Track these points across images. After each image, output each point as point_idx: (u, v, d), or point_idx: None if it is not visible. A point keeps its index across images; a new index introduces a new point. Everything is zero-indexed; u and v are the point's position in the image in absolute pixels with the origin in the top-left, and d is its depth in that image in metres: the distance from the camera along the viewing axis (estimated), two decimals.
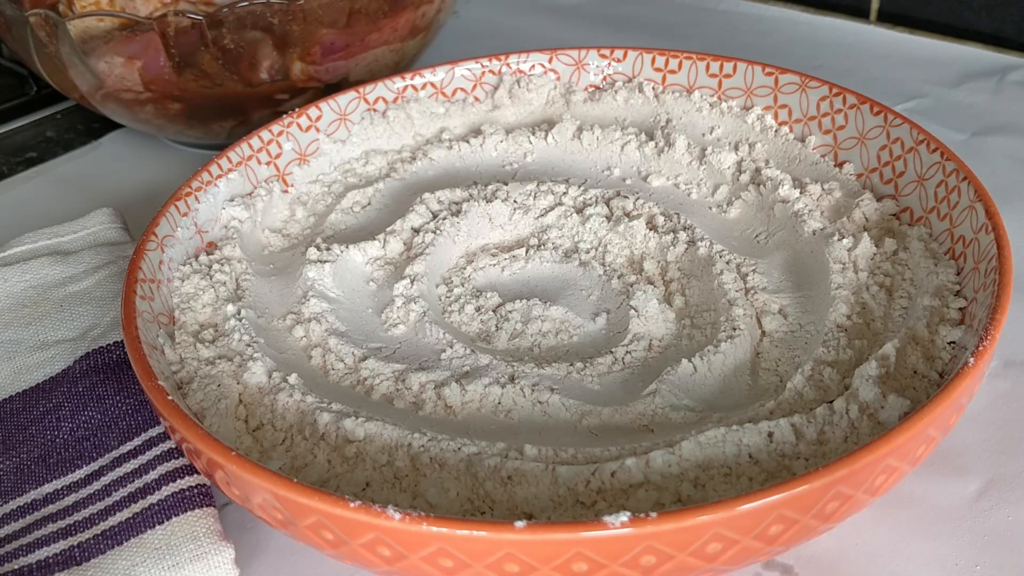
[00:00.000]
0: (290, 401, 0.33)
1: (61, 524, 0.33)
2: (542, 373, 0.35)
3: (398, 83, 0.51)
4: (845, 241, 0.38)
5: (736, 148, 0.46)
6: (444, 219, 0.44)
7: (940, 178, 0.39)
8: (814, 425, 0.31)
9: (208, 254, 0.41)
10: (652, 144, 0.47)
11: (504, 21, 0.74)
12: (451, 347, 0.37)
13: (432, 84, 0.51)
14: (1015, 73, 0.60)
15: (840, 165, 0.44)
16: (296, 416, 0.33)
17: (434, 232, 0.43)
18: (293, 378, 0.34)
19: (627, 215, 0.43)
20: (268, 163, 0.47)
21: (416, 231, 0.44)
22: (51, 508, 0.34)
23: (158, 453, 0.34)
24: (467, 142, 0.50)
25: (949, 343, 0.33)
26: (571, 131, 0.49)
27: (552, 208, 0.44)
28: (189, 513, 0.32)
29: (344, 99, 0.50)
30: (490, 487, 0.30)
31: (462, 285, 0.41)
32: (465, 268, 0.42)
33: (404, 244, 0.43)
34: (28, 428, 0.37)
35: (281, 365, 0.36)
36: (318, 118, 0.49)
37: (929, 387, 0.32)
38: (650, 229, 0.42)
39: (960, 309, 0.34)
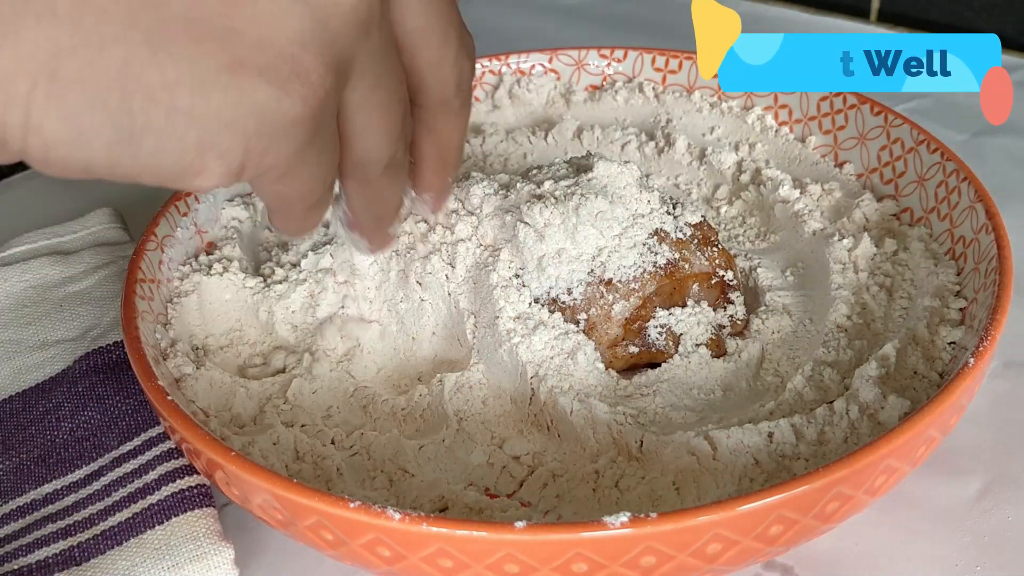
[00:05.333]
0: None
1: (61, 524, 0.33)
2: None
3: None
4: (845, 241, 0.38)
5: (736, 148, 0.46)
6: None
7: (940, 178, 0.39)
8: (814, 425, 0.31)
9: (208, 254, 0.41)
10: (652, 144, 0.47)
11: (504, 21, 0.74)
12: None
13: None
14: (1016, 74, 0.60)
15: (840, 165, 0.44)
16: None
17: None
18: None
19: None
20: None
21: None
22: (51, 508, 0.34)
23: (158, 453, 0.34)
24: (467, 142, 0.50)
25: (949, 343, 0.33)
26: (571, 131, 0.49)
27: None
28: (189, 513, 0.32)
29: None
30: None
31: None
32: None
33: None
34: (28, 428, 0.37)
35: None
36: None
37: (929, 387, 0.32)
38: None
39: (960, 309, 0.34)
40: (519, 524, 0.24)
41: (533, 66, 0.52)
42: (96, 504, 0.33)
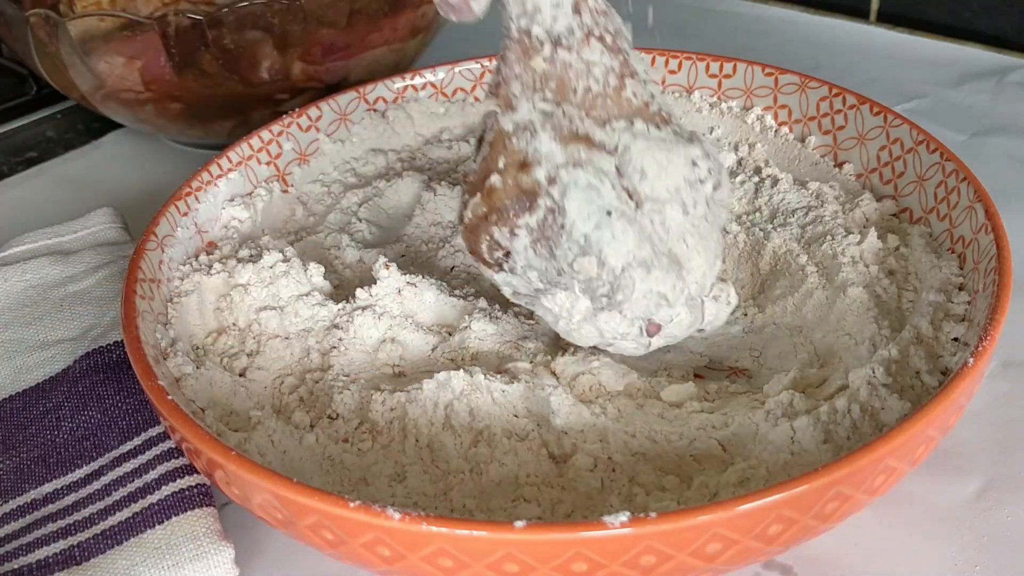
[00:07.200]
0: None
1: (61, 524, 0.33)
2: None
3: (398, 83, 0.51)
4: (851, 237, 0.38)
5: (736, 148, 0.46)
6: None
7: (940, 178, 0.39)
8: (819, 427, 0.31)
9: (208, 254, 0.41)
10: None
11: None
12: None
13: (432, 84, 0.51)
14: (1014, 74, 0.60)
15: (840, 165, 0.44)
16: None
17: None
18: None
19: None
20: (268, 163, 0.47)
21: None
22: (51, 508, 0.34)
23: (158, 453, 0.34)
24: (467, 142, 0.50)
25: (952, 339, 0.33)
26: None
27: None
28: (189, 513, 0.32)
29: (344, 99, 0.50)
30: None
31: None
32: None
33: None
34: (28, 428, 0.37)
35: None
36: (318, 118, 0.49)
37: (930, 387, 0.32)
38: None
39: (965, 303, 0.34)
40: (519, 524, 0.24)
41: None
42: (96, 503, 0.34)
